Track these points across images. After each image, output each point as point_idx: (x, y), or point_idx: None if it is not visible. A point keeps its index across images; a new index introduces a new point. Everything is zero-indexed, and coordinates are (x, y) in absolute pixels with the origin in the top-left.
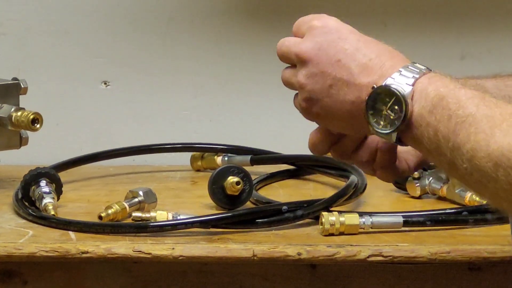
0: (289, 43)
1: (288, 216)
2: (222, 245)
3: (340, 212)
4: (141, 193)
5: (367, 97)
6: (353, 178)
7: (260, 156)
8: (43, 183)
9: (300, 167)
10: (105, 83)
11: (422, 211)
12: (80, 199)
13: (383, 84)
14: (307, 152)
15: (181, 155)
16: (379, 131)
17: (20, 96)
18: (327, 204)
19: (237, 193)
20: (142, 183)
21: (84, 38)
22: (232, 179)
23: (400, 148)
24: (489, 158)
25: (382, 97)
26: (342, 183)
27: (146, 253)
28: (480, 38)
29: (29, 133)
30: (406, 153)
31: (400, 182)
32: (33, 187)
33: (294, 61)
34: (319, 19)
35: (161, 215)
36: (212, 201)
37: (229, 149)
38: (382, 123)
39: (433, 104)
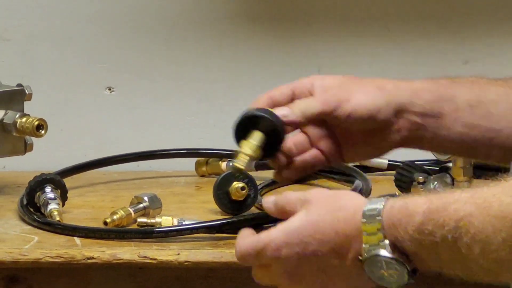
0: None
1: None
2: (227, 250)
3: None
4: (146, 198)
5: (365, 272)
6: (358, 183)
7: (265, 162)
8: (48, 189)
9: None
10: (109, 89)
11: None
12: (85, 205)
13: (365, 255)
14: None
15: (185, 161)
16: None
17: (25, 102)
18: None
19: (242, 198)
20: (147, 188)
21: (88, 44)
22: (237, 184)
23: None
24: (503, 245)
25: (374, 265)
26: (347, 188)
27: (152, 259)
28: (483, 42)
29: (33, 139)
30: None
31: (405, 186)
32: (38, 193)
33: None
34: (268, 250)
35: (166, 221)
36: (217, 207)
37: (234, 155)
38: (392, 279)
39: (417, 241)
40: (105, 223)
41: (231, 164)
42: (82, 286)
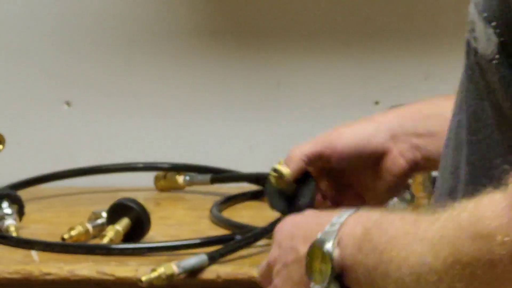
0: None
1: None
2: None
3: None
4: (104, 214)
5: (305, 260)
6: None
7: (219, 175)
8: (4, 204)
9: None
10: (67, 104)
11: None
12: (43, 220)
13: (313, 242)
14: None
15: (144, 176)
16: (317, 286)
17: None
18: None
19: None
20: (105, 204)
21: (46, 58)
22: None
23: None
24: (410, 277)
25: (315, 255)
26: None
27: (110, 275)
28: (443, 58)
29: None
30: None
31: None
32: None
33: None
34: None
35: None
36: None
37: (191, 168)
38: (318, 277)
39: (360, 241)
40: (63, 239)
41: None
42: None
